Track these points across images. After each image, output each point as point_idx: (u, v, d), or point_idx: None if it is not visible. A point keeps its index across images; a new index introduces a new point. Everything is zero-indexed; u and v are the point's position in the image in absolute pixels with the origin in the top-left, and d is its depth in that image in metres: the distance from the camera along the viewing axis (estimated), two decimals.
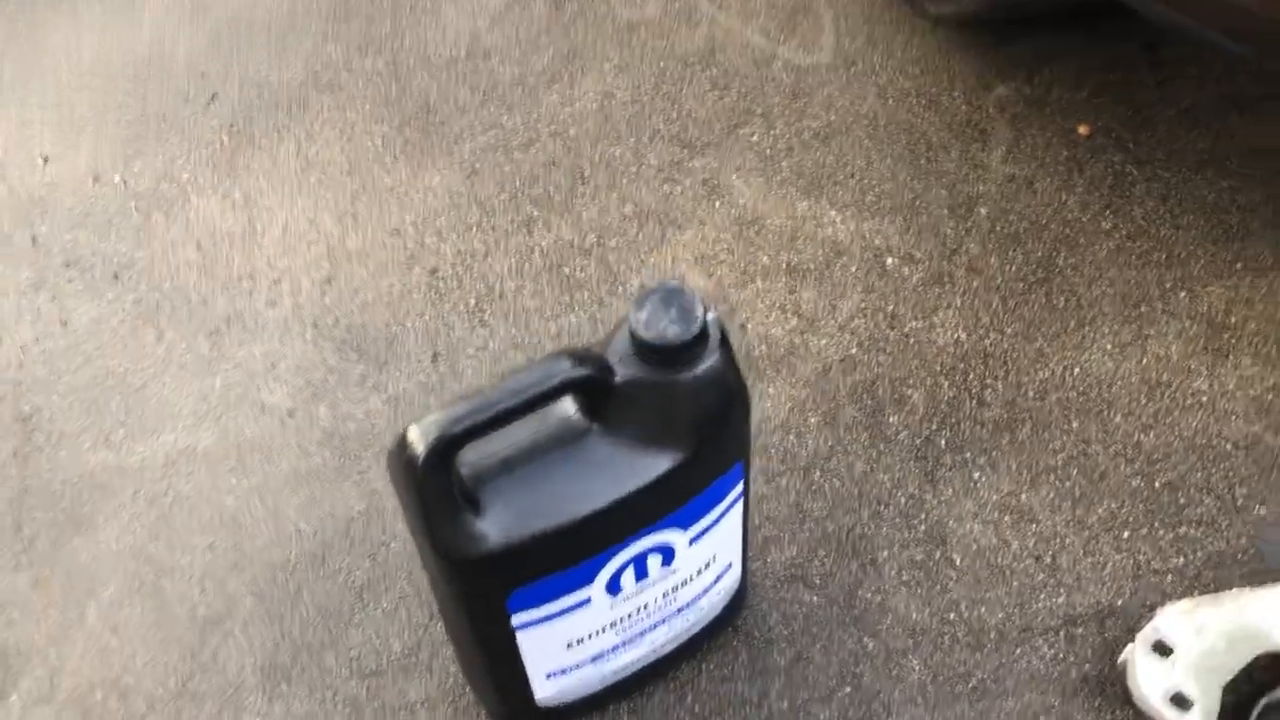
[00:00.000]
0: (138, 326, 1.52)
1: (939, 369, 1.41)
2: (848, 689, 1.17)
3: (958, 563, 1.25)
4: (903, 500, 1.30)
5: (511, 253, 1.56)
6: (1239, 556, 1.23)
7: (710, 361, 0.91)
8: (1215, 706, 1.09)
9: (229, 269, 1.57)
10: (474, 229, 1.59)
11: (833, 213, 1.57)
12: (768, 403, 1.39)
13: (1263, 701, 1.10)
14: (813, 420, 1.37)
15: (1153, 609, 1.16)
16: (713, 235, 1.56)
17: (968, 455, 1.33)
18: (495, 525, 0.89)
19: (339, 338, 1.50)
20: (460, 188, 1.64)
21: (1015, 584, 1.23)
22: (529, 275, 1.54)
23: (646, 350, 0.89)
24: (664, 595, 1.05)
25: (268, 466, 1.38)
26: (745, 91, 1.72)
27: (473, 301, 1.52)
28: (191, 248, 1.60)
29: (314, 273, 1.56)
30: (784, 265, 1.52)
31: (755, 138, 1.67)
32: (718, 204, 1.59)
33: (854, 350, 1.43)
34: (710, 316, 0.91)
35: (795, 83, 1.73)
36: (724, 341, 0.92)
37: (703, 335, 0.89)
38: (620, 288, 1.51)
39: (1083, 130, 1.63)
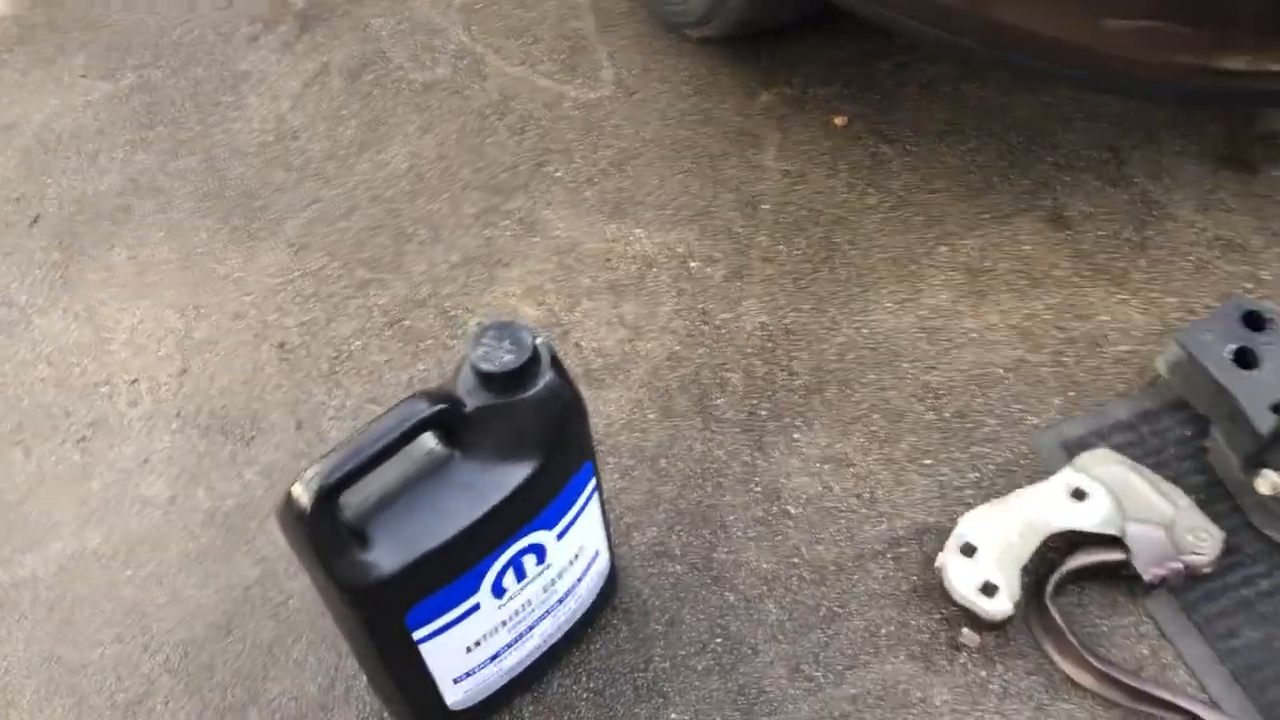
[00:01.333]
0: (3, 449, 1.58)
1: (750, 351, 1.59)
2: (719, 639, 1.34)
3: (793, 513, 1.44)
4: (738, 469, 1.48)
5: (352, 315, 1.68)
6: (1020, 462, 1.45)
7: (545, 380, 1.06)
8: (1017, 588, 1.29)
9: (84, 378, 1.64)
10: (312, 299, 1.71)
11: (638, 230, 1.74)
12: (611, 406, 1.55)
13: (1053, 577, 1.31)
14: (651, 415, 1.54)
15: (956, 519, 1.36)
16: (537, 268, 1.71)
17: (786, 420, 1.52)
18: (384, 555, 1.02)
19: (203, 424, 1.59)
20: (292, 264, 1.75)
21: (843, 521, 1.42)
22: (373, 333, 1.66)
23: (488, 380, 1.03)
24: (544, 589, 1.19)
25: (159, 554, 1.47)
26: (542, 133, 1.89)
27: (324, 367, 1.63)
28: (43, 365, 1.66)
29: (168, 368, 1.65)
30: (604, 284, 1.69)
31: (559, 173, 1.83)
32: (536, 239, 1.75)
33: (677, 348, 1.61)
34: (539, 342, 1.06)
35: (585, 117, 1.90)
36: (555, 362, 1.08)
37: (534, 359, 1.04)
38: (460, 330, 1.65)
39: (839, 121, 1.85)
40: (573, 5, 2.06)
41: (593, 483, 1.19)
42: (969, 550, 1.32)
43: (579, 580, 1.25)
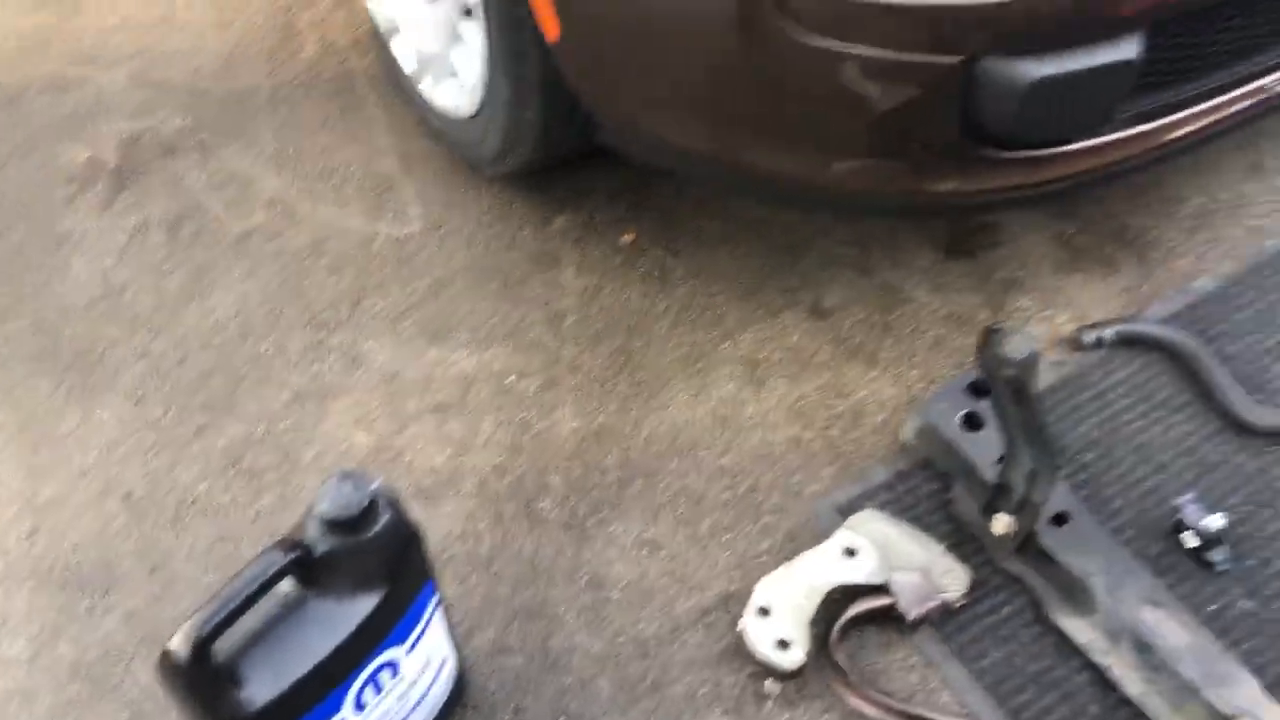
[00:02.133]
0: None
1: (567, 454, 1.80)
2: (562, 718, 1.53)
3: (616, 598, 1.64)
4: (565, 564, 1.67)
5: (194, 460, 1.81)
6: (804, 528, 1.70)
7: (384, 520, 1.23)
8: (807, 640, 1.53)
9: None
10: (154, 448, 1.82)
11: (456, 353, 1.93)
12: (445, 520, 1.72)
13: (836, 626, 1.55)
14: (483, 525, 1.72)
15: (754, 585, 1.59)
16: (365, 398, 1.88)
17: (604, 514, 1.72)
18: (257, 690, 1.17)
19: (58, 579, 1.68)
20: (131, 416, 1.86)
21: (660, 599, 1.63)
22: (215, 475, 1.79)
23: (333, 526, 1.20)
24: (399, 699, 1.36)
25: (28, 710, 1.55)
26: (358, 270, 2.06)
27: (171, 512, 1.75)
28: None
29: (17, 529, 1.73)
30: (429, 406, 1.86)
31: (378, 306, 2.00)
32: (361, 370, 1.91)
33: (501, 459, 1.79)
34: (375, 488, 1.23)
35: (398, 252, 2.08)
36: (391, 503, 1.25)
37: (373, 505, 1.22)
38: (300, 462, 1.79)
39: (627, 238, 2.09)
40: (378, 149, 2.24)
41: (435, 598, 1.36)
42: (764, 612, 1.55)
43: (430, 686, 1.41)
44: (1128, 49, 1.47)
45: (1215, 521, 1.60)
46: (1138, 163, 1.72)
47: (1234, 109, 1.74)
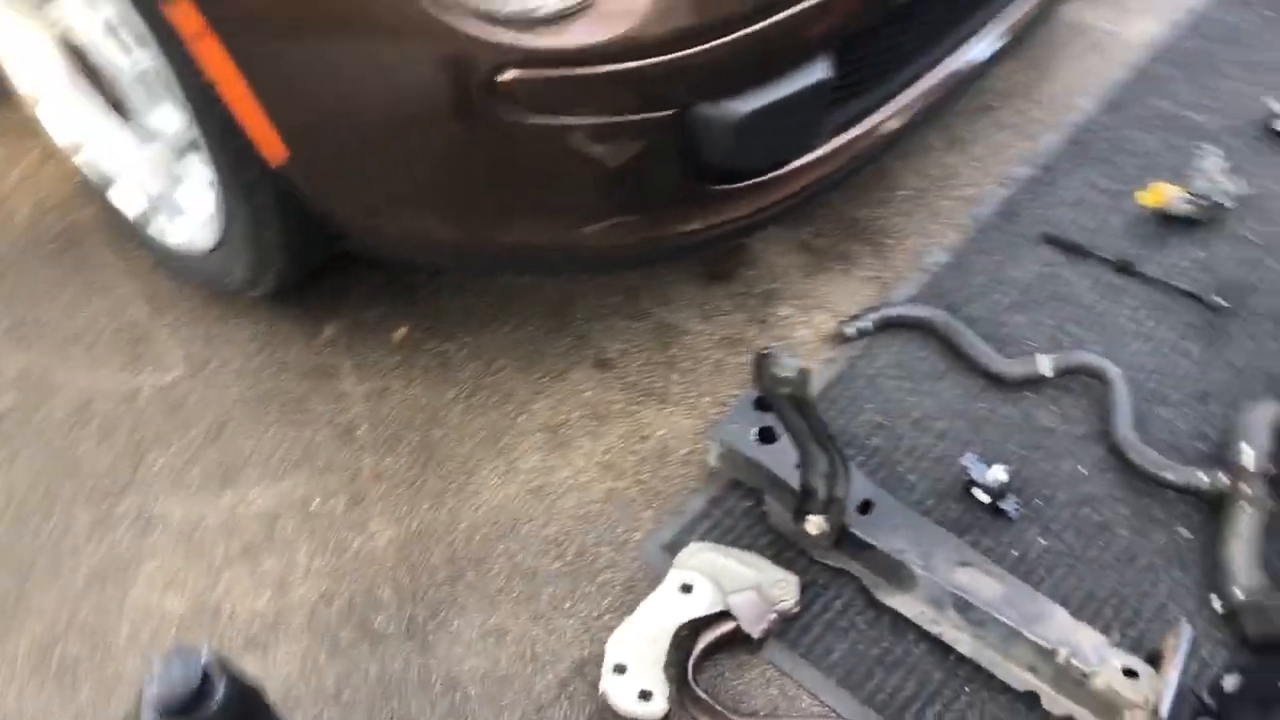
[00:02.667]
0: None
1: (391, 564, 1.78)
2: None
3: (473, 693, 1.63)
4: (415, 674, 1.66)
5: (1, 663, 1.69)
6: (639, 576, 1.74)
7: (221, 688, 1.19)
8: (666, 685, 1.57)
9: None
10: None
11: (252, 490, 1.88)
12: (282, 664, 1.67)
13: (690, 663, 1.60)
14: (322, 658, 1.68)
15: (604, 644, 1.62)
16: (168, 559, 1.80)
17: (442, 614, 1.72)
18: None
19: None
20: None
21: (517, 683, 1.64)
22: (23, 681, 1.67)
23: (170, 714, 1.16)
24: None
25: None
26: (131, 428, 1.97)
27: None
28: None
29: None
30: (237, 551, 1.81)
31: (160, 462, 1.92)
32: (157, 532, 1.83)
33: (325, 586, 1.76)
34: (204, 658, 1.19)
35: (167, 401, 2.01)
36: (224, 667, 1.21)
37: (206, 678, 1.18)
38: (113, 646, 1.70)
39: (400, 334, 2.09)
40: (122, 298, 2.16)
41: None
42: (620, 669, 1.58)
43: None
44: (820, 70, 1.60)
45: (999, 474, 1.75)
46: (857, 163, 1.87)
47: (930, 95, 1.91)
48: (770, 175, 1.75)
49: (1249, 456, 1.69)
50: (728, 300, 2.11)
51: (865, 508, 1.70)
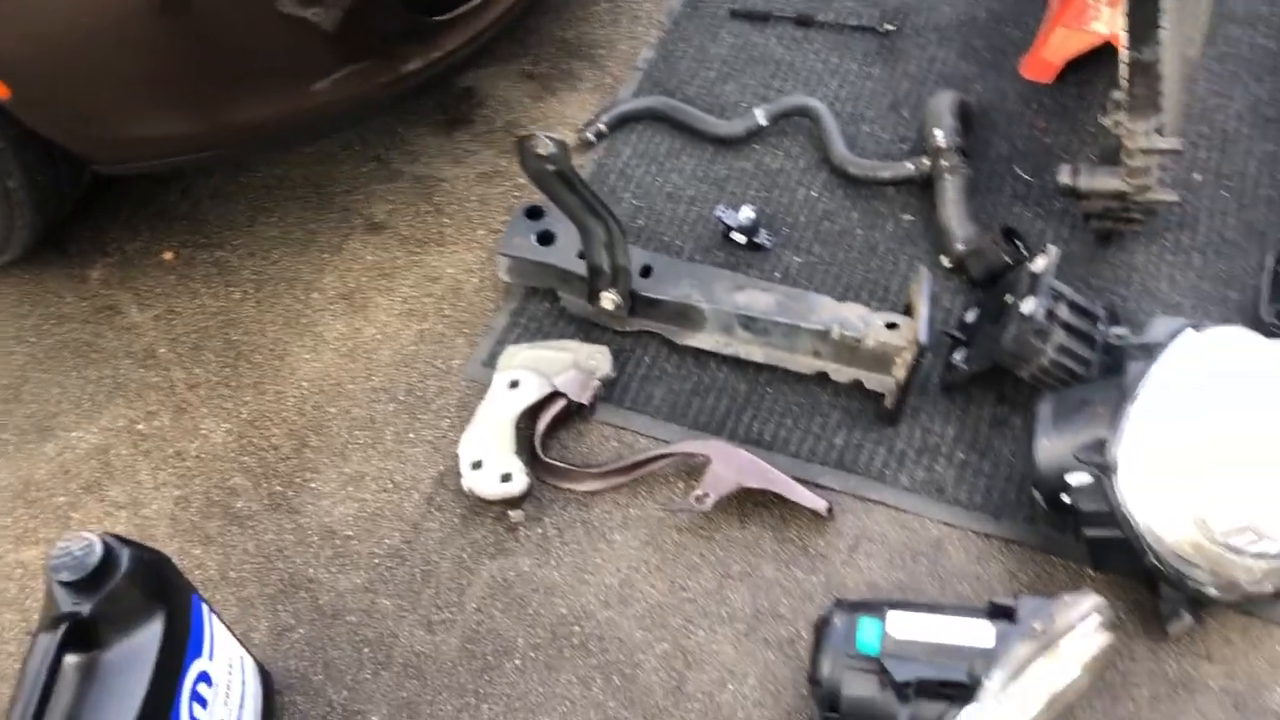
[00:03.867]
0: None
1: (234, 454, 1.86)
2: (367, 649, 1.65)
3: (351, 534, 1.76)
4: (291, 536, 1.76)
5: None
6: (469, 392, 1.89)
7: (125, 556, 1.28)
8: (522, 465, 1.73)
9: None
10: None
11: (74, 433, 1.90)
12: None
13: (536, 442, 1.77)
14: (198, 551, 1.75)
15: (455, 456, 1.76)
16: (7, 519, 1.81)
17: (299, 479, 1.82)
18: None
19: None
20: None
21: (388, 513, 1.77)
22: None
23: (83, 585, 1.24)
24: (224, 704, 1.42)
25: None
26: None
27: None
28: None
29: None
30: (81, 489, 1.84)
31: None
32: None
33: (177, 492, 1.82)
34: (97, 536, 1.27)
35: None
36: (122, 540, 1.29)
37: (108, 549, 1.26)
38: None
39: (169, 256, 2.11)
40: None
41: (205, 606, 1.42)
42: (477, 464, 1.73)
43: (243, 684, 1.48)
44: None
45: (748, 214, 1.99)
46: None
47: None
48: (475, 3, 1.89)
49: (940, 137, 1.99)
50: (473, 141, 2.24)
51: (646, 272, 1.90)
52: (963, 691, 1.36)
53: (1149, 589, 1.56)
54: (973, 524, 1.69)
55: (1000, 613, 1.42)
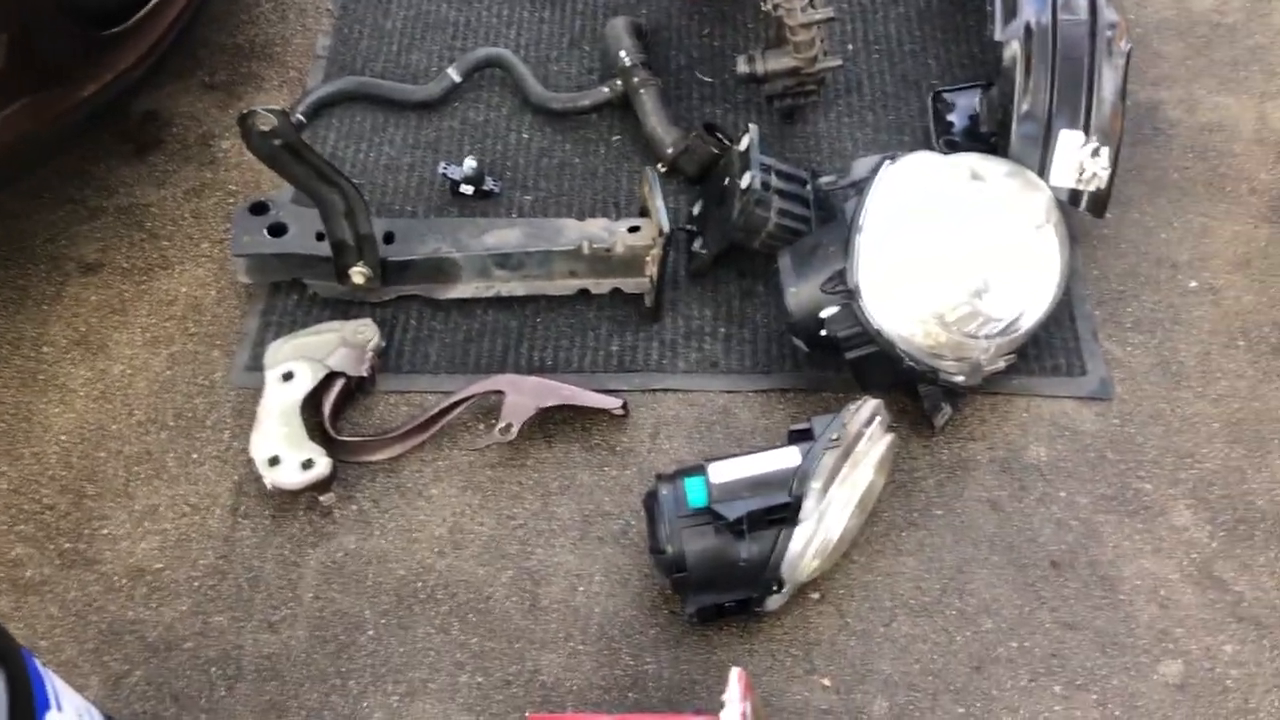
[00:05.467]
0: None
1: (5, 526, 1.74)
2: (212, 669, 1.60)
3: (160, 566, 1.69)
4: (94, 586, 1.67)
5: None
6: (243, 398, 1.85)
7: None
8: (319, 448, 1.72)
9: None
10: None
11: None
12: None
13: (326, 424, 1.77)
14: None
15: (246, 462, 1.73)
16: None
17: (86, 531, 1.73)
18: None
19: None
20: None
21: (194, 535, 1.72)
22: None
23: None
24: None
25: None
26: None
27: None
28: None
29: None
30: None
31: None
32: None
33: None
34: None
35: None
36: None
37: None
38: None
39: None
40: None
41: (37, 661, 1.35)
42: (274, 460, 1.71)
43: None
44: None
45: (470, 164, 2.05)
46: None
47: None
48: (144, 13, 1.85)
49: (624, 57, 2.12)
50: (170, 161, 2.17)
51: (389, 238, 1.93)
52: (788, 511, 1.51)
53: (911, 396, 1.77)
54: (750, 385, 1.85)
55: (800, 436, 1.58)
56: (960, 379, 1.72)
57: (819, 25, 1.98)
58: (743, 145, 1.90)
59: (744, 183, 1.84)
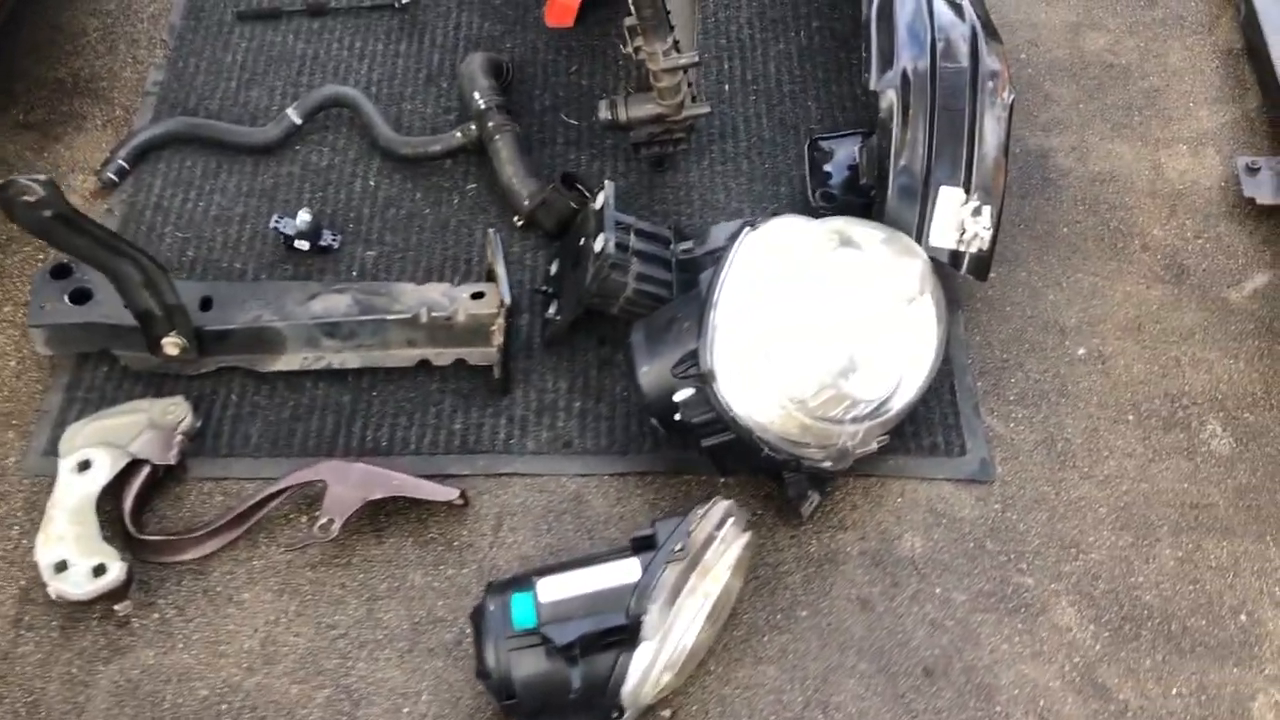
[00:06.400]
0: None
1: None
2: None
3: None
4: None
5: None
6: (32, 488, 1.65)
7: None
8: (116, 552, 1.52)
9: None
10: None
11: None
12: None
13: (126, 522, 1.58)
14: None
15: (14, 564, 1.53)
16: None
17: None
18: None
19: None
20: None
21: None
22: None
23: None
24: None
25: None
26: None
27: None
28: None
29: None
30: None
31: None
32: None
33: None
34: None
35: None
36: None
37: None
38: None
39: None
40: None
41: None
42: (61, 566, 1.51)
43: None
44: None
45: (304, 217, 1.86)
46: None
47: None
48: None
49: (479, 99, 1.95)
50: None
51: (206, 304, 1.73)
52: (626, 634, 1.35)
53: (777, 480, 1.62)
54: (605, 468, 1.69)
55: (642, 544, 1.42)
56: (827, 465, 1.57)
57: (685, 70, 1.82)
58: (598, 203, 1.74)
59: (597, 246, 1.67)
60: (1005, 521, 1.64)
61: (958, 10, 1.80)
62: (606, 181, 1.75)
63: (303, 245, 1.87)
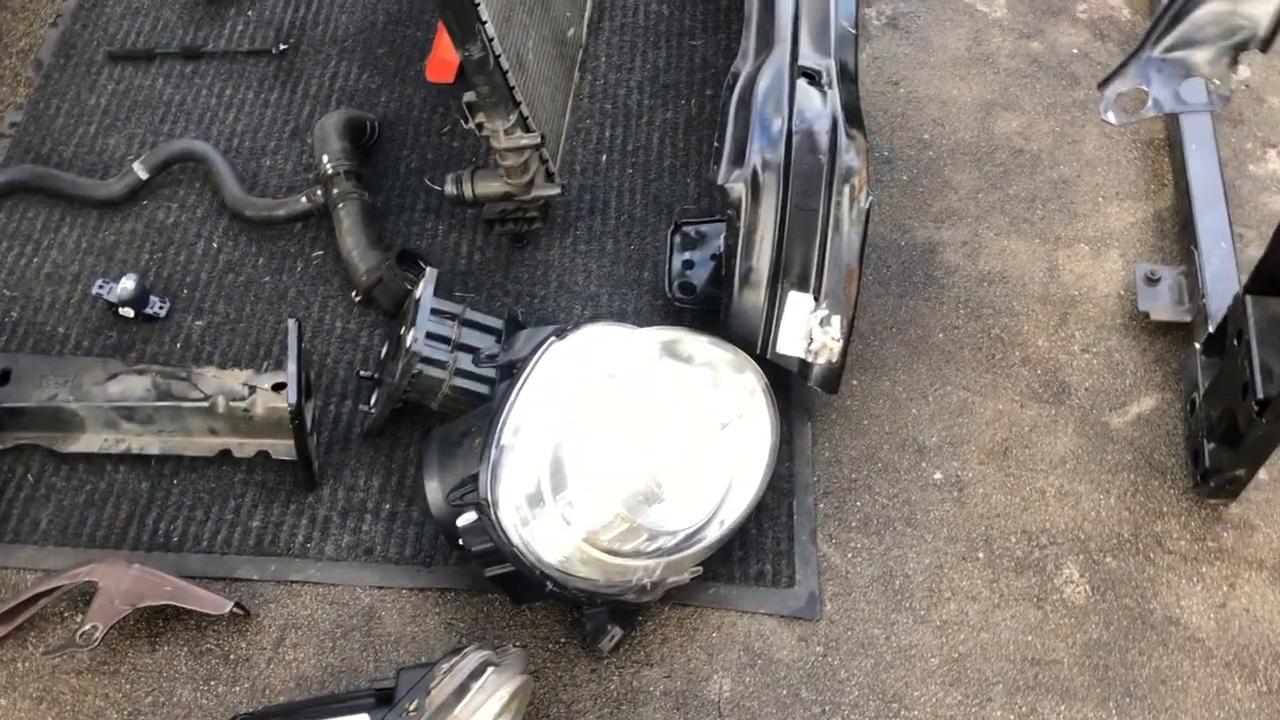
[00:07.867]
0: None
1: None
2: None
3: None
4: None
5: None
6: None
7: None
8: None
9: None
10: None
11: None
12: None
13: None
14: None
15: None
16: None
17: None
18: None
19: None
20: None
21: None
22: None
23: None
24: None
25: None
26: None
27: None
28: None
29: None
30: None
31: None
32: None
33: None
34: None
35: None
36: None
37: None
38: None
39: None
40: None
41: None
42: None
43: None
44: None
45: (127, 285, 1.76)
46: None
47: None
48: None
49: (327, 162, 1.83)
50: None
51: (4, 377, 1.65)
52: None
53: (579, 608, 1.50)
54: (405, 581, 1.57)
55: (382, 699, 1.30)
56: (630, 597, 1.45)
57: (537, 148, 1.70)
58: (417, 292, 1.62)
59: (408, 340, 1.56)
60: (825, 667, 1.50)
61: (822, 94, 1.66)
62: (429, 269, 1.64)
63: (127, 313, 1.77)
